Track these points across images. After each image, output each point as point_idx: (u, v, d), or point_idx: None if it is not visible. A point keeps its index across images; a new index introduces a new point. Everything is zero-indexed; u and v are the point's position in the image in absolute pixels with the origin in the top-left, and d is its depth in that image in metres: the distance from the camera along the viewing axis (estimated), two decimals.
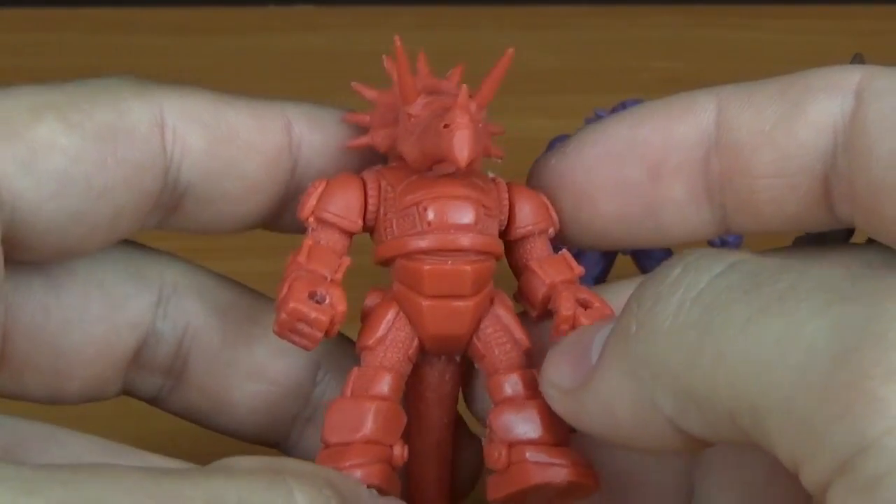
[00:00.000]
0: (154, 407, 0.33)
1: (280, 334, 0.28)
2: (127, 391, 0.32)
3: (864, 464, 0.21)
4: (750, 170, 0.30)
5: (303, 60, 0.69)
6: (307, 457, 0.31)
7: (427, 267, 0.29)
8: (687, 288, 0.24)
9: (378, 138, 0.30)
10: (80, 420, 0.30)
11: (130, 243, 0.32)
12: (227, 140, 0.30)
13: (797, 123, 0.29)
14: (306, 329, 0.28)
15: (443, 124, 0.28)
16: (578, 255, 0.46)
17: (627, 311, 0.26)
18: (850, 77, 0.30)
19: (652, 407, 0.25)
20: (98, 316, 0.30)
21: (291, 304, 0.28)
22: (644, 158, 0.30)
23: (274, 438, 0.32)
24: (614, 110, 0.47)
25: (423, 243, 0.29)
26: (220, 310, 0.32)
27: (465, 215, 0.29)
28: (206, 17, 0.74)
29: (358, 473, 0.28)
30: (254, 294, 0.32)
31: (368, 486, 0.28)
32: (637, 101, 0.48)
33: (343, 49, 0.66)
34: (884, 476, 0.21)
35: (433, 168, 0.29)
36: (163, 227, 0.31)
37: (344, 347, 0.31)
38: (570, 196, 0.31)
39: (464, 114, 0.28)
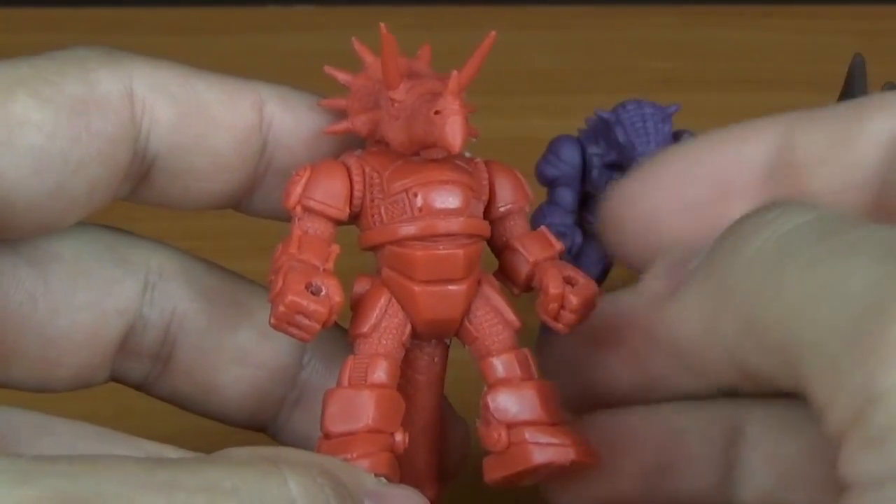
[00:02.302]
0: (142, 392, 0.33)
1: (277, 327, 0.28)
2: (115, 377, 0.32)
3: (873, 415, 0.21)
4: (811, 186, 0.30)
5: (303, 60, 0.69)
6: (295, 440, 0.32)
7: (419, 253, 0.29)
8: (776, 228, 0.25)
9: (358, 123, 0.30)
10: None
11: (116, 230, 0.32)
12: (196, 114, 0.29)
13: (856, 139, 0.30)
14: (304, 321, 0.28)
15: (433, 110, 0.28)
16: (578, 256, 0.46)
17: (722, 239, 0.27)
18: None
19: (715, 331, 0.26)
20: (85, 303, 0.30)
21: (290, 297, 0.28)
22: (711, 179, 0.31)
23: (261, 422, 0.32)
24: (615, 110, 0.47)
25: (413, 229, 0.29)
26: (206, 295, 0.32)
27: (455, 199, 0.29)
28: (206, 17, 0.74)
29: (365, 463, 0.28)
30: (238, 279, 0.32)
31: (376, 475, 0.28)
32: (637, 101, 0.48)
33: (343, 49, 0.66)
34: (891, 430, 0.21)
35: (420, 153, 0.29)
36: (133, 199, 0.30)
37: (330, 330, 0.31)
38: (640, 216, 0.31)
39: (455, 100, 0.28)
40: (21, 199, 0.28)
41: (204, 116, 0.30)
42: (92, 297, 0.30)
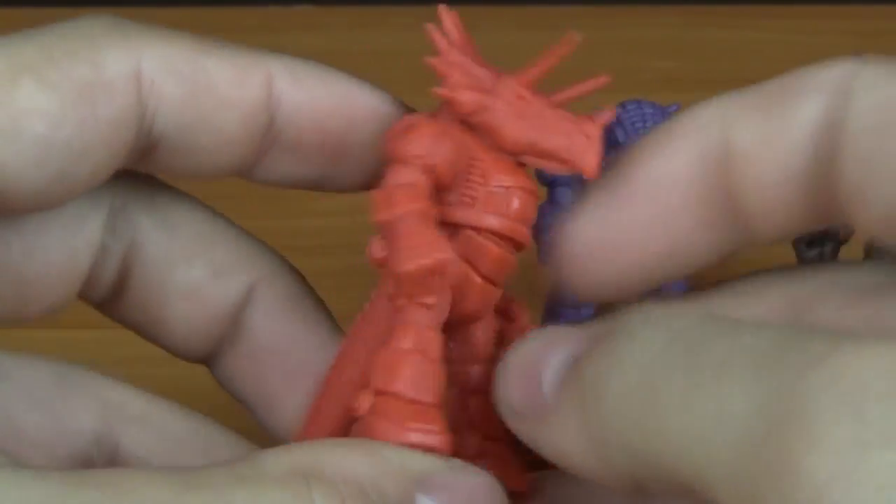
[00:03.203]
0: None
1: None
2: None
3: None
4: (747, 180, 0.30)
5: None
6: (231, 377, 0.31)
7: (495, 249, 0.29)
8: (632, 365, 0.25)
9: (464, 97, 0.29)
10: None
11: None
12: (204, 93, 0.29)
13: (788, 128, 0.29)
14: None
15: (583, 133, 0.29)
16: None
17: (579, 377, 0.26)
18: (836, 74, 0.29)
19: (608, 460, 0.26)
20: (57, 243, 0.30)
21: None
22: (646, 195, 0.30)
23: (204, 357, 0.32)
24: (615, 110, 0.47)
25: (504, 224, 0.29)
26: (167, 226, 0.31)
27: (533, 214, 0.30)
28: (206, 17, 0.74)
29: (436, 441, 0.27)
30: (204, 212, 0.32)
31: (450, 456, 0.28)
32: (637, 101, 0.48)
33: (343, 49, 0.66)
34: None
35: (528, 160, 0.29)
36: (133, 167, 0.30)
37: (281, 271, 0.31)
38: (586, 251, 0.30)
39: (599, 128, 0.29)
40: (21, 188, 0.27)
41: (212, 96, 0.29)
42: (64, 235, 0.30)
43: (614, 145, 0.45)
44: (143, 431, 0.31)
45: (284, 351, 0.31)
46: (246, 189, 0.34)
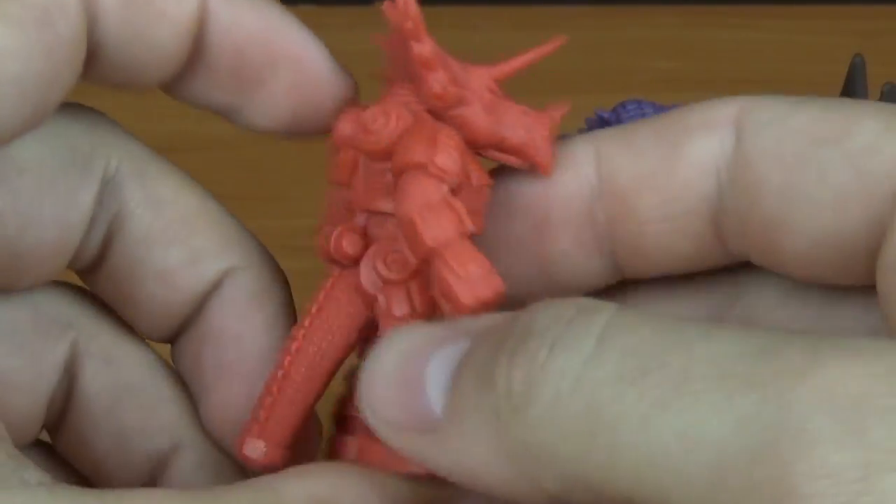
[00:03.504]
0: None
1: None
2: None
3: None
4: (635, 216, 0.29)
5: None
6: (180, 358, 0.31)
7: None
8: (561, 375, 0.23)
9: (434, 80, 0.29)
10: None
11: (79, 117, 0.31)
12: (142, 5, 0.29)
13: (678, 164, 0.29)
14: None
15: (544, 131, 0.29)
16: None
17: (491, 387, 0.24)
18: (727, 111, 0.29)
19: (531, 482, 0.24)
20: (52, 217, 0.30)
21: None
22: (529, 214, 0.30)
23: (165, 337, 0.32)
24: (615, 110, 0.47)
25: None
26: (153, 204, 0.31)
27: None
28: None
29: None
30: (195, 193, 0.31)
31: None
32: (637, 101, 0.48)
33: (343, 49, 0.66)
34: None
35: (490, 153, 0.29)
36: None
37: (255, 262, 0.31)
38: None
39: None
40: (5, 129, 0.27)
41: (149, 7, 0.29)
42: (58, 210, 0.30)
43: None
44: (101, 370, 0.31)
45: (230, 344, 0.31)
46: (245, 189, 0.34)
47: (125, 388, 0.31)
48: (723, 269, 0.30)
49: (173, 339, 0.32)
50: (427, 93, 0.29)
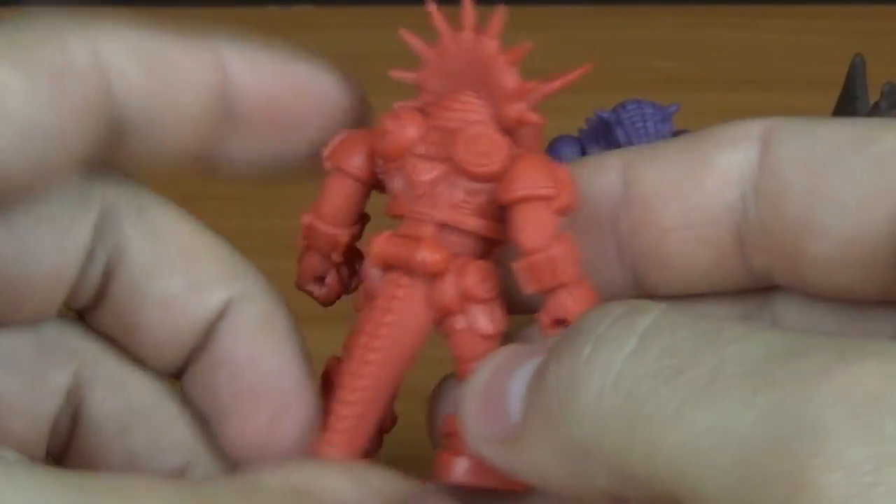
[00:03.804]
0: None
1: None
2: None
3: None
4: (658, 223, 0.30)
5: None
6: (192, 389, 0.31)
7: None
8: (603, 370, 0.24)
9: (516, 108, 0.30)
10: None
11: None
12: (163, 72, 0.29)
13: (703, 174, 0.29)
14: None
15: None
16: None
17: (543, 386, 0.25)
18: (755, 128, 0.29)
19: (586, 478, 0.25)
20: (50, 247, 0.30)
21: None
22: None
23: (173, 370, 0.32)
24: (615, 110, 0.47)
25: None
26: (153, 234, 0.31)
27: None
28: (206, 17, 0.73)
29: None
30: (195, 226, 0.32)
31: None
32: (637, 101, 0.48)
33: (343, 49, 0.66)
34: None
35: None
36: (106, 162, 0.30)
37: (259, 290, 0.31)
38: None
39: None
40: (4, 172, 0.27)
41: (170, 76, 0.29)
42: (56, 240, 0.30)
43: (615, 145, 0.45)
44: (108, 396, 0.31)
45: (246, 369, 0.31)
46: (246, 189, 0.34)
47: (134, 412, 0.31)
48: (744, 292, 0.30)
49: (181, 373, 0.32)
50: (507, 116, 0.30)
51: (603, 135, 0.46)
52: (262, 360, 0.31)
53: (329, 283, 0.31)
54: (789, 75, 0.67)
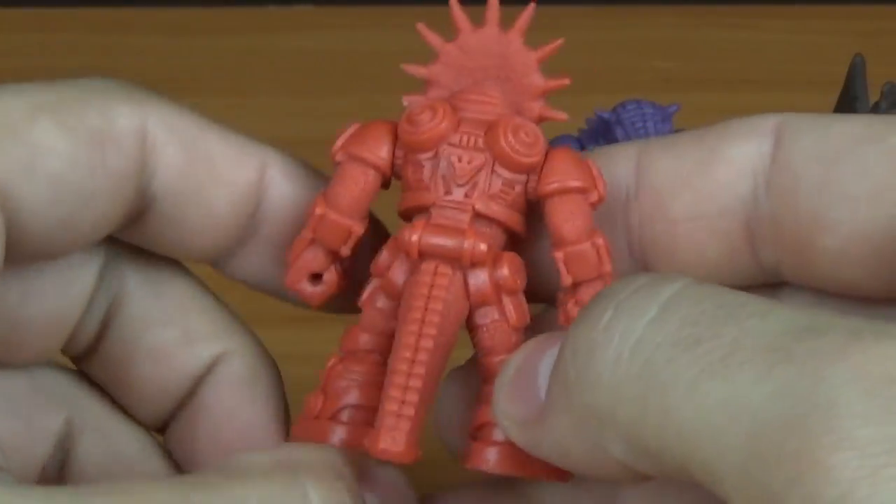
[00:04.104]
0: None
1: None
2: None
3: None
4: (668, 213, 0.30)
5: (303, 60, 0.69)
6: (173, 443, 0.32)
7: None
8: (622, 336, 0.24)
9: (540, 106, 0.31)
10: None
11: None
12: (202, 163, 0.29)
13: (715, 165, 0.29)
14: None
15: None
16: None
17: (563, 354, 0.25)
18: (768, 122, 0.29)
19: (602, 449, 0.25)
20: (53, 289, 0.30)
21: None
22: None
23: (159, 423, 0.32)
24: (615, 110, 0.47)
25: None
26: (153, 284, 0.31)
27: None
28: (206, 17, 0.74)
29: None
30: (191, 280, 0.32)
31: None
32: (637, 101, 0.48)
33: (343, 49, 0.66)
34: None
35: None
36: (125, 238, 0.30)
37: (247, 347, 0.31)
38: None
39: None
40: (34, 227, 0.28)
41: (209, 167, 0.29)
42: (60, 282, 0.30)
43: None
44: (97, 443, 0.31)
45: (224, 424, 0.31)
46: None
47: (120, 462, 0.31)
48: (752, 287, 0.30)
49: (166, 426, 0.32)
50: (531, 112, 0.30)
51: (603, 135, 0.46)
52: (241, 415, 0.31)
53: (327, 279, 0.30)
54: (789, 75, 0.67)
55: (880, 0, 0.75)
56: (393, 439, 0.27)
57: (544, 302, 0.31)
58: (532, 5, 0.30)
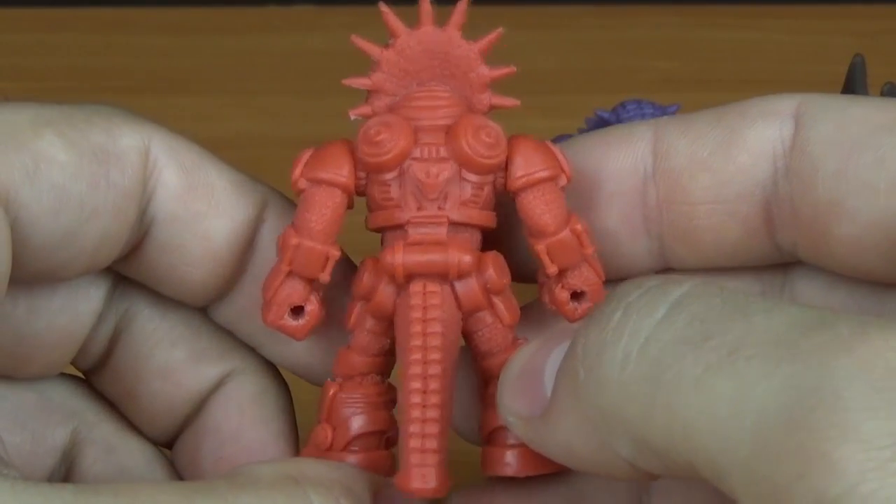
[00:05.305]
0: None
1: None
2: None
3: None
4: (688, 196, 0.30)
5: (303, 60, 0.69)
6: (179, 459, 0.32)
7: None
8: (631, 335, 0.24)
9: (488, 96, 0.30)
10: None
11: None
12: (201, 190, 0.30)
13: (735, 148, 0.29)
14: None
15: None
16: None
17: (573, 354, 0.25)
18: (787, 103, 0.29)
19: (609, 448, 0.25)
20: (62, 306, 0.30)
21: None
22: (577, 188, 0.30)
23: (166, 439, 0.32)
24: (614, 110, 0.47)
25: None
26: (163, 303, 0.31)
27: None
28: (206, 17, 0.74)
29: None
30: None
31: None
32: (637, 101, 0.48)
33: (343, 49, 0.66)
34: None
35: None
36: (123, 269, 0.30)
37: (255, 366, 0.32)
38: None
39: None
40: (36, 238, 0.28)
41: (208, 195, 0.30)
42: (68, 300, 0.30)
43: None
44: (100, 458, 0.32)
45: (229, 442, 0.31)
46: None
47: (124, 476, 0.31)
48: (768, 267, 0.30)
49: (172, 442, 0.32)
50: (482, 104, 0.30)
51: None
52: (247, 434, 0.31)
53: (310, 310, 0.29)
54: (789, 75, 0.67)
55: (880, 0, 0.75)
56: (423, 477, 0.27)
57: (523, 282, 0.31)
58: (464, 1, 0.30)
